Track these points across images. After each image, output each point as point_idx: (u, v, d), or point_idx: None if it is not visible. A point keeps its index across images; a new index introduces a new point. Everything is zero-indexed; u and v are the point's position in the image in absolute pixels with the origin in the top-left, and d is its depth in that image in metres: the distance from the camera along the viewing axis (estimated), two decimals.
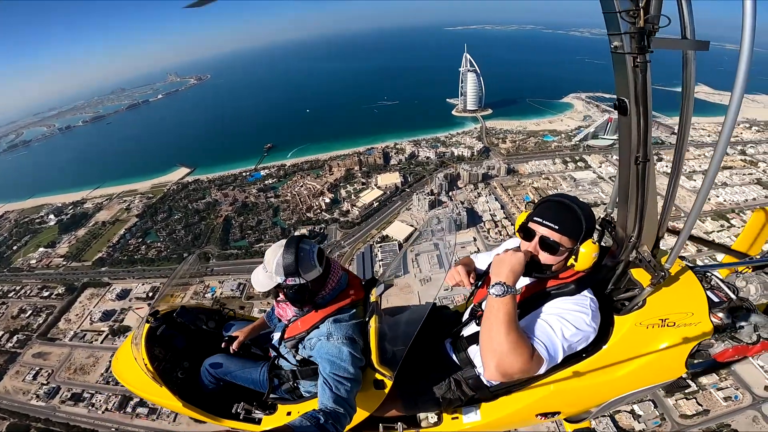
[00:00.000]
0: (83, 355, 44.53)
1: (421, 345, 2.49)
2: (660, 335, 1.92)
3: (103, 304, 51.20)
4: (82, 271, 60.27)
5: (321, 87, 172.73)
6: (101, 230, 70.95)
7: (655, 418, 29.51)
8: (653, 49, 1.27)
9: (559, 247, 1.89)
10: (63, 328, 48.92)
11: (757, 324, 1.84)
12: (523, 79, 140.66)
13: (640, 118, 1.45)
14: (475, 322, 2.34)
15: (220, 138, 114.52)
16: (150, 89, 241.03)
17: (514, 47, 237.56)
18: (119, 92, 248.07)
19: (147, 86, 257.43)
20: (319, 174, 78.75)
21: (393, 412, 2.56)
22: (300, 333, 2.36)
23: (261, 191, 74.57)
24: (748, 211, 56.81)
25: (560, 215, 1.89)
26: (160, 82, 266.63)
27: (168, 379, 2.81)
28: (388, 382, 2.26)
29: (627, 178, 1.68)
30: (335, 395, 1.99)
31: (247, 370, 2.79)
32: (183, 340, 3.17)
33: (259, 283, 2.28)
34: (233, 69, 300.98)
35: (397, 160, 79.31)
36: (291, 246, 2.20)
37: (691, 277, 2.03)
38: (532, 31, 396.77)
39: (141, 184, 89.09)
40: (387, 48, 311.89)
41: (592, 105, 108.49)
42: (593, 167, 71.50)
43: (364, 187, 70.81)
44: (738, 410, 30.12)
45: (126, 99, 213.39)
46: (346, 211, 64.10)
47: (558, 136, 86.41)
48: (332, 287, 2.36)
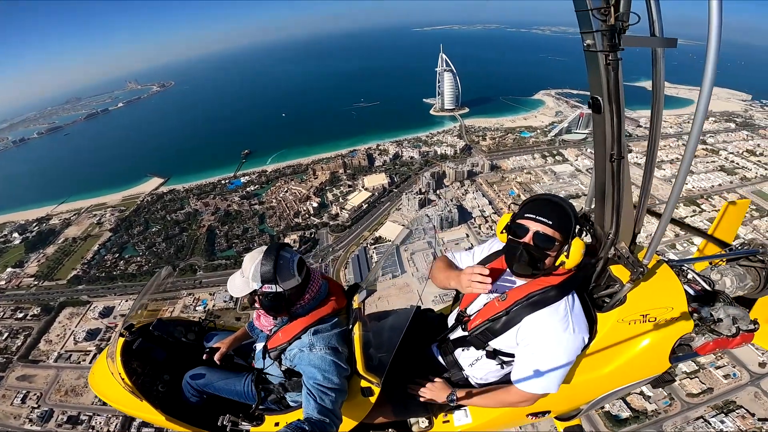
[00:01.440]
0: (72, 376, 42.18)
1: (408, 350, 2.50)
2: (642, 330, 1.96)
3: (86, 324, 48.59)
4: (57, 290, 56.70)
5: (295, 90, 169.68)
6: (72, 247, 66.72)
7: (664, 398, 30.93)
8: (624, 46, 1.29)
9: (555, 242, 1.90)
10: (44, 349, 46.23)
11: (735, 316, 1.87)
12: (494, 77, 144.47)
13: (613, 116, 1.46)
14: (461, 327, 2.32)
15: (193, 146, 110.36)
16: (108, 98, 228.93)
17: (483, 46, 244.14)
18: (74, 102, 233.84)
19: (105, 95, 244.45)
20: (303, 178, 77.51)
21: (383, 418, 2.55)
22: (282, 344, 2.31)
23: (244, 199, 72.50)
24: (716, 197, 60.99)
25: (552, 211, 1.91)
26: (119, 90, 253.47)
27: (148, 392, 2.74)
28: (376, 389, 2.24)
29: (603, 175, 1.69)
30: (320, 406, 1.97)
31: (230, 381, 2.74)
32: (163, 353, 3.09)
33: (235, 287, 2.22)
34: (199, 75, 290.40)
35: (381, 161, 79.31)
36: (271, 253, 2.15)
37: (668, 271, 2.07)
38: (497, 30, 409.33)
39: (110, 197, 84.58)
40: (357, 50, 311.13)
41: (562, 101, 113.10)
42: (570, 160, 74.56)
43: (351, 189, 70.34)
44: (738, 387, 31.93)
45: (83, 108, 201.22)
46: (336, 214, 63.44)
47: (534, 132, 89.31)
48: (311, 297, 2.31)
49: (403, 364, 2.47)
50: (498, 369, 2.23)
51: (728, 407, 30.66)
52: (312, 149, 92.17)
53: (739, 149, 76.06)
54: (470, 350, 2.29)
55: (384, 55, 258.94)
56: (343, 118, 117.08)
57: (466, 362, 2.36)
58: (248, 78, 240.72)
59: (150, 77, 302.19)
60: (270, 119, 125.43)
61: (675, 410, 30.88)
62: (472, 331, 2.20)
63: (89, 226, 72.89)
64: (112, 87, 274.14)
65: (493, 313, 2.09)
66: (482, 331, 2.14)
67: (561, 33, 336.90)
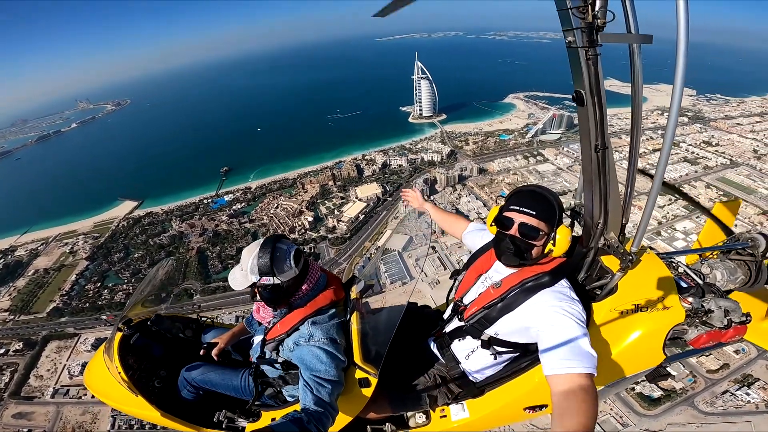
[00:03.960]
0: (75, 412, 39.50)
1: (406, 344, 2.57)
2: (635, 321, 2.00)
3: (78, 357, 45.53)
4: (36, 323, 52.93)
5: (265, 104, 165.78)
6: (45, 278, 62.16)
7: (687, 376, 32.82)
8: (602, 42, 1.38)
9: (539, 232, 1.98)
10: (36, 385, 43.21)
11: (727, 308, 1.90)
12: (464, 83, 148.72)
13: (595, 108, 1.55)
14: (457, 317, 2.38)
15: (165, 165, 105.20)
16: (59, 118, 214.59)
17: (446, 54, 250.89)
18: (21, 124, 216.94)
19: (55, 115, 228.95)
20: (292, 193, 75.98)
21: (380, 413, 2.58)
22: (280, 335, 2.35)
23: (232, 217, 70.05)
24: (685, 185, 66.01)
25: (536, 202, 2.00)
26: (70, 110, 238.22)
27: (144, 388, 2.74)
28: (373, 380, 2.26)
29: (589, 166, 1.76)
30: (316, 397, 1.99)
31: (227, 377, 2.74)
32: (160, 349, 3.10)
33: (235, 281, 2.27)
34: (156, 92, 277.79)
35: (370, 171, 79.22)
36: (267, 245, 2.20)
37: (657, 261, 2.14)
38: (458, 37, 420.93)
39: (80, 224, 79.16)
40: (322, 61, 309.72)
41: (531, 103, 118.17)
42: (550, 160, 77.88)
43: (344, 201, 69.67)
44: (750, 361, 34.00)
45: (32, 131, 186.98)
46: (333, 227, 62.62)
47: (512, 134, 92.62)
48: (309, 288, 2.35)
49: (400, 358, 2.51)
50: (492, 360, 2.26)
51: (748, 380, 32.75)
52: (295, 163, 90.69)
53: (696, 141, 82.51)
54: (466, 340, 2.33)
55: (350, 66, 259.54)
56: (321, 130, 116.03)
57: (462, 354, 2.40)
58: (211, 94, 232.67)
59: (102, 96, 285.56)
60: (244, 135, 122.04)
61: (700, 387, 32.61)
62: (468, 319, 2.25)
63: (61, 256, 68.06)
64: (61, 107, 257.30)
65: (488, 300, 2.15)
66: (479, 319, 2.18)
67: (517, 38, 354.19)
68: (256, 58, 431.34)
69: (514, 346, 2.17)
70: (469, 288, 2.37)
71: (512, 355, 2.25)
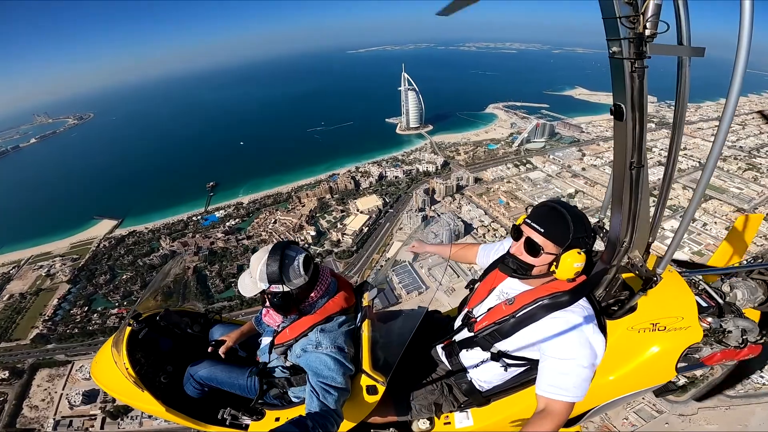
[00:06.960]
0: None
1: (413, 350, 2.52)
2: (651, 339, 1.97)
3: (75, 385, 42.90)
4: (20, 351, 49.50)
5: (245, 117, 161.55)
6: (22, 303, 58.19)
7: None
8: (651, 54, 1.33)
9: (541, 250, 1.90)
10: (31, 416, 40.47)
11: (745, 328, 1.91)
12: (443, 94, 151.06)
13: (635, 124, 1.50)
14: (467, 328, 2.35)
15: (144, 181, 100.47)
16: (16, 133, 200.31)
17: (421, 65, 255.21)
18: None
19: (11, 130, 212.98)
20: (288, 207, 74.35)
21: (385, 418, 2.58)
22: (288, 341, 2.34)
23: (228, 234, 67.64)
24: None
25: (549, 220, 1.90)
26: (27, 125, 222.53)
27: (150, 383, 2.75)
28: (381, 387, 2.23)
29: (621, 183, 1.70)
30: (322, 404, 2.00)
31: (233, 375, 2.73)
32: (168, 343, 3.11)
33: (245, 287, 2.26)
34: (122, 105, 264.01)
35: (367, 183, 78.98)
36: (276, 252, 2.17)
37: (680, 281, 2.12)
38: (428, 48, 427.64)
39: (55, 245, 74.32)
40: (296, 74, 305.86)
41: (511, 113, 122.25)
42: (539, 167, 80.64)
43: (345, 214, 69.04)
44: None
45: None
46: (338, 240, 61.84)
47: (499, 144, 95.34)
48: (320, 295, 2.32)
49: (407, 363, 2.46)
50: (502, 372, 2.25)
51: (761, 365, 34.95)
52: (286, 177, 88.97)
53: (666, 145, 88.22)
54: (476, 351, 2.30)
55: (326, 78, 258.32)
56: (307, 143, 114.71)
57: (470, 364, 2.37)
58: (181, 107, 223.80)
59: (61, 110, 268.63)
60: (227, 149, 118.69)
61: (718, 372, 34.11)
62: (478, 332, 2.21)
63: (37, 279, 63.85)
64: (16, 122, 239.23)
65: (500, 317, 2.11)
66: (490, 332, 2.15)
67: (485, 48, 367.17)
68: (222, 72, 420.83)
69: (524, 360, 2.15)
70: (481, 301, 2.33)
71: (522, 368, 2.23)
